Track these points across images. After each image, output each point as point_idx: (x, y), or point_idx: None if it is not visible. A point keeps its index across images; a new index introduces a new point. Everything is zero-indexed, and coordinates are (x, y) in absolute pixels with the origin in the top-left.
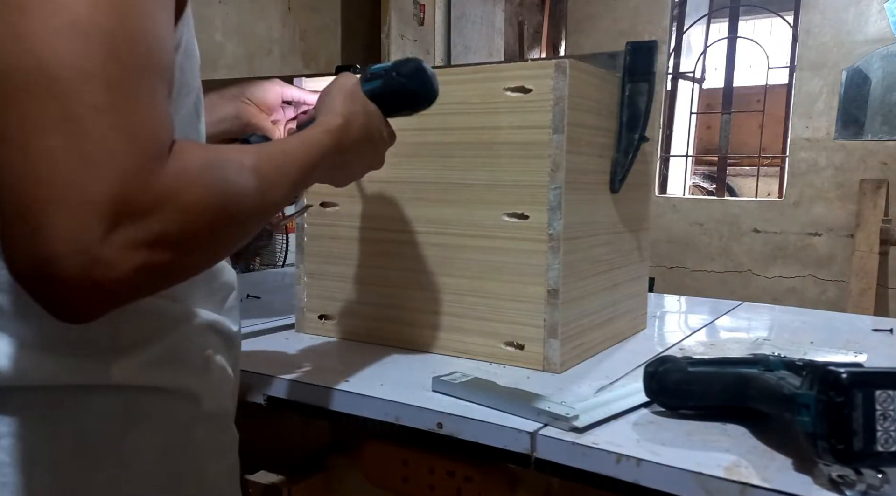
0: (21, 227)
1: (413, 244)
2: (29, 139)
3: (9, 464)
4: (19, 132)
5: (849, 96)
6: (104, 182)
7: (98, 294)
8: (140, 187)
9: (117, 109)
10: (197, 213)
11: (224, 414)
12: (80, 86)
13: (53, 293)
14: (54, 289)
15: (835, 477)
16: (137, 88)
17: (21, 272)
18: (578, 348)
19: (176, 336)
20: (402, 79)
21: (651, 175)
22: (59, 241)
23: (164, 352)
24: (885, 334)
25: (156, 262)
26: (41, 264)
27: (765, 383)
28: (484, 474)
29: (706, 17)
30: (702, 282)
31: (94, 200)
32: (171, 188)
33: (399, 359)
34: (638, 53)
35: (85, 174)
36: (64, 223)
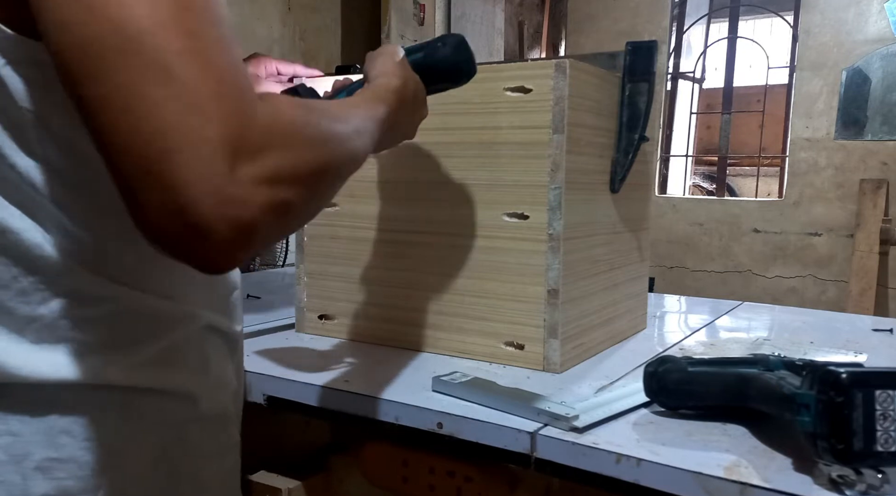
0: (149, 183)
1: (413, 244)
2: (130, 99)
3: (5, 463)
4: (118, 95)
5: (849, 96)
6: (214, 123)
7: (237, 233)
8: (246, 125)
9: (201, 53)
10: (302, 149)
11: (223, 415)
12: (159, 37)
13: (196, 240)
14: (196, 235)
15: (835, 477)
16: (212, 35)
17: (159, 228)
18: (578, 348)
19: (173, 337)
20: (447, 50)
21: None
22: (192, 186)
23: (160, 353)
24: (885, 334)
25: (279, 199)
26: (179, 212)
27: (765, 383)
28: (484, 474)
29: (706, 17)
30: (702, 282)
31: (212, 141)
32: (274, 126)
33: (399, 359)
34: (638, 53)
35: (195, 118)
36: (191, 167)
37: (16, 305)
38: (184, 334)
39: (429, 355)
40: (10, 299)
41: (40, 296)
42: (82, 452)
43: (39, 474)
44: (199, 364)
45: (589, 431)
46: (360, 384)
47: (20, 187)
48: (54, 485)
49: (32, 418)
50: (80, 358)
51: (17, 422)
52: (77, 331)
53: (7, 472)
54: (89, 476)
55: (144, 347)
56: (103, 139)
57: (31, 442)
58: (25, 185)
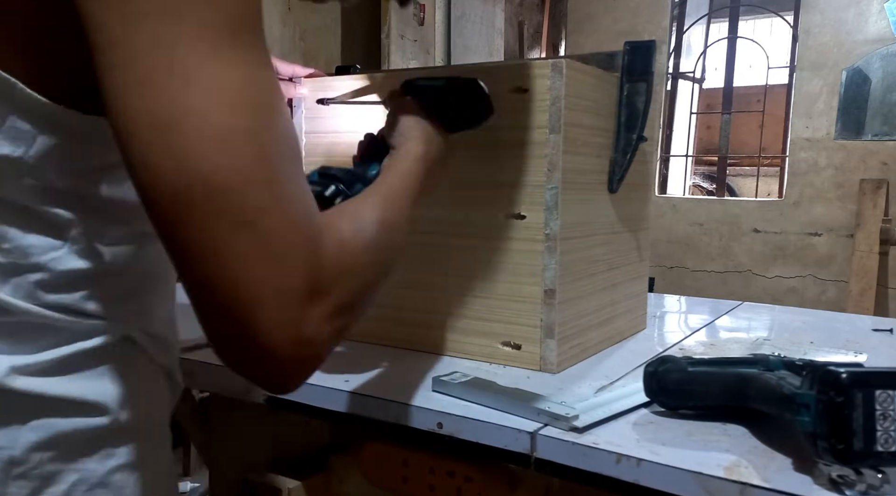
0: (230, 327)
1: (411, 244)
2: (214, 249)
3: None
4: (203, 245)
5: (849, 96)
6: (292, 273)
7: (307, 366)
8: (319, 268)
9: (279, 203)
10: (365, 278)
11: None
12: (242, 191)
13: (271, 375)
14: (272, 371)
15: (835, 477)
16: (288, 179)
17: (238, 363)
18: (576, 348)
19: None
20: (462, 100)
21: (650, 175)
22: (271, 333)
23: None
24: (885, 334)
25: (344, 326)
26: (258, 355)
27: (765, 383)
28: (484, 474)
29: (706, 17)
30: (702, 282)
31: (291, 290)
32: (340, 261)
33: (399, 359)
34: (636, 53)
35: (275, 269)
36: (271, 317)
37: None
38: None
39: (428, 355)
40: None
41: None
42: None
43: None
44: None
45: (589, 431)
46: (360, 384)
47: None
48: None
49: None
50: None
51: None
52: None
53: None
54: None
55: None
56: (187, 280)
57: None
58: None
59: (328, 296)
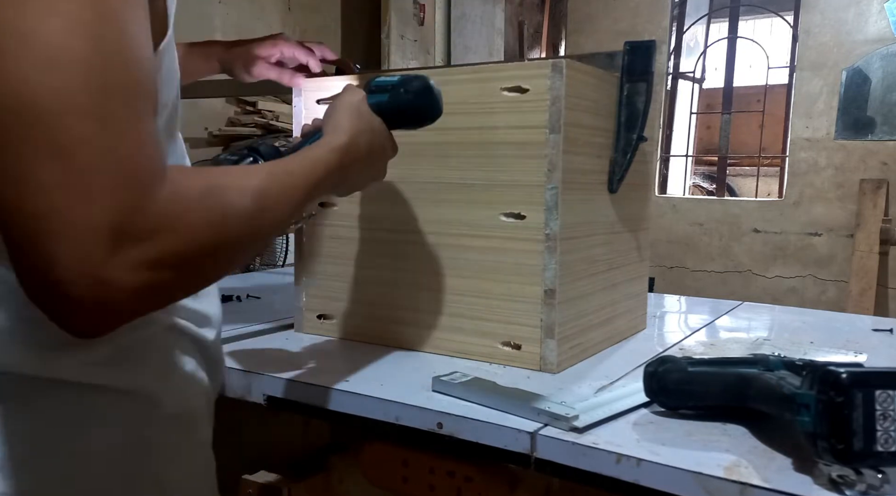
0: (27, 256)
1: (411, 244)
2: (23, 175)
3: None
4: (13, 169)
5: (849, 96)
6: (101, 211)
7: (104, 312)
8: (137, 213)
9: (104, 138)
10: (196, 236)
11: (190, 416)
12: (63, 119)
13: (64, 313)
14: (64, 309)
15: (835, 477)
16: (122, 115)
17: (33, 294)
18: (576, 348)
19: (130, 337)
20: (409, 96)
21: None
22: (65, 269)
23: (116, 353)
24: (885, 334)
25: (157, 281)
26: (50, 288)
27: (765, 383)
28: (484, 474)
29: (706, 17)
30: (702, 282)
31: (94, 228)
32: (168, 213)
33: (399, 359)
34: (636, 53)
35: (81, 205)
36: (67, 252)
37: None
38: (143, 335)
39: (429, 355)
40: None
41: None
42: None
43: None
44: (161, 364)
45: (589, 431)
46: (360, 384)
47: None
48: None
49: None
50: (35, 353)
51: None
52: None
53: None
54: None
55: (98, 346)
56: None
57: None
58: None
59: (142, 243)
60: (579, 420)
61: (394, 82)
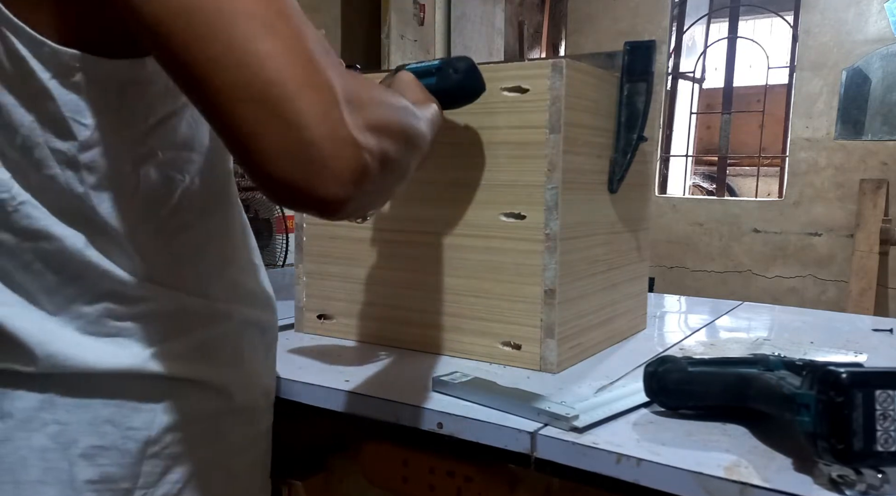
0: (273, 126)
1: (411, 244)
2: (243, 54)
3: (54, 450)
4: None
5: (849, 96)
6: (324, 73)
7: (351, 173)
8: (348, 80)
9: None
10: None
11: (254, 408)
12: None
13: (316, 177)
14: (316, 172)
15: (835, 477)
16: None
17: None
18: (576, 348)
19: (209, 332)
20: (459, 75)
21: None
22: (313, 127)
23: (197, 347)
24: (885, 334)
25: (383, 147)
26: (303, 151)
27: (765, 383)
28: (484, 474)
29: (706, 17)
30: (702, 282)
31: (325, 88)
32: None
33: (399, 359)
34: (636, 53)
35: (307, 68)
36: (312, 110)
37: (61, 307)
38: (220, 330)
39: (429, 355)
40: (57, 303)
41: (84, 300)
42: (123, 440)
43: (85, 461)
44: (233, 359)
45: (589, 431)
46: (360, 384)
47: (61, 196)
48: (98, 472)
49: (78, 407)
50: (124, 349)
51: (65, 411)
52: (119, 326)
53: (55, 459)
54: (130, 464)
55: (182, 341)
56: (218, 101)
57: (77, 430)
58: (66, 193)
59: (363, 107)
60: (579, 420)
61: (437, 65)
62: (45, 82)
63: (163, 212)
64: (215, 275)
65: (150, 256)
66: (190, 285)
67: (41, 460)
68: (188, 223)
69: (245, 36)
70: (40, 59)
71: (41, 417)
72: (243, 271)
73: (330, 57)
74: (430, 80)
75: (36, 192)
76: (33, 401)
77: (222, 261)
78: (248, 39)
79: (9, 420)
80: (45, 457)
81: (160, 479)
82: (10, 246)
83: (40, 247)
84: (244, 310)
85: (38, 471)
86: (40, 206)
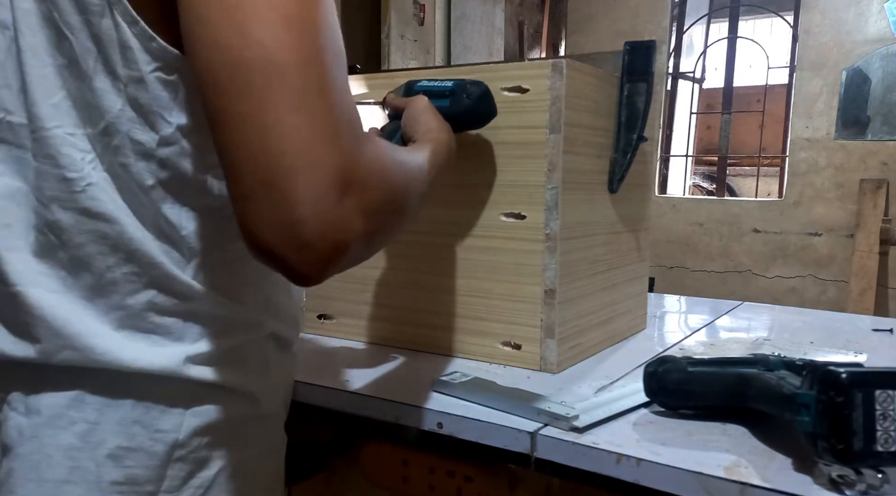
0: (266, 196)
1: (411, 244)
2: (269, 118)
3: (81, 449)
4: (259, 114)
5: (849, 96)
6: (335, 155)
7: (332, 253)
8: (357, 161)
9: (333, 92)
10: (393, 189)
11: (276, 416)
12: (303, 72)
13: (297, 253)
14: (299, 248)
15: (835, 477)
16: (342, 76)
17: (267, 238)
18: (576, 348)
19: (241, 339)
20: (471, 101)
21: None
22: (306, 205)
23: (228, 352)
24: (885, 334)
25: (370, 229)
26: (289, 226)
27: (765, 383)
28: (484, 474)
29: (706, 17)
30: (702, 282)
31: (330, 170)
32: (375, 165)
33: (399, 358)
34: (636, 53)
35: (321, 147)
36: (309, 189)
37: (107, 292)
38: (251, 338)
39: (428, 355)
40: (104, 286)
41: (130, 287)
42: (151, 443)
43: (111, 462)
44: (260, 367)
45: (589, 431)
46: (360, 384)
47: (130, 185)
48: (124, 474)
49: (108, 406)
50: (159, 349)
51: (94, 410)
52: (158, 323)
53: (82, 459)
54: (157, 466)
55: (217, 345)
56: (234, 151)
57: (105, 430)
58: (136, 184)
59: (362, 190)
60: (579, 420)
61: (451, 88)
62: (146, 75)
63: (220, 218)
64: (254, 285)
65: (202, 257)
66: (232, 291)
67: (68, 459)
68: None
69: (276, 103)
70: (148, 52)
71: (69, 415)
72: (276, 285)
73: (351, 136)
74: (442, 102)
75: (108, 177)
76: (63, 398)
77: (261, 274)
78: (279, 108)
79: (36, 417)
80: (71, 456)
81: (185, 483)
82: (66, 225)
83: (100, 228)
84: (273, 323)
85: (63, 469)
86: (108, 190)
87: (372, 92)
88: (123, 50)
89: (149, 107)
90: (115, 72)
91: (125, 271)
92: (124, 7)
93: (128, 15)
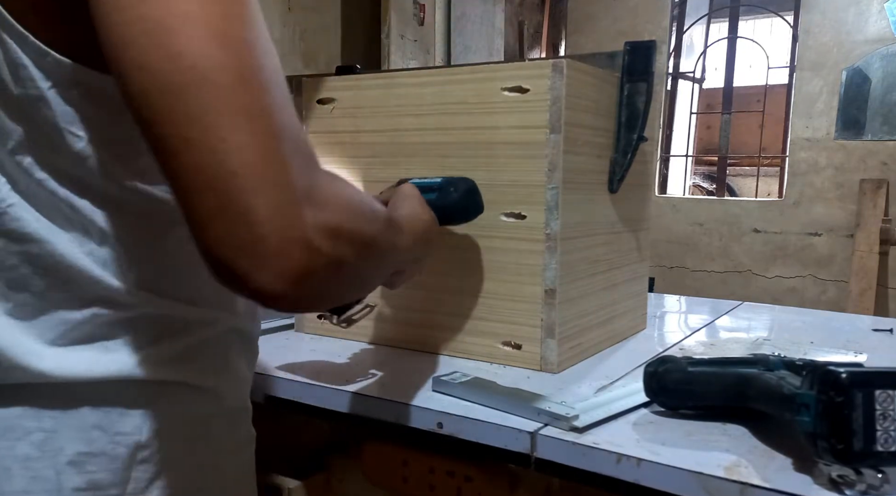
0: (223, 218)
1: None
2: (217, 141)
3: (39, 459)
4: (205, 137)
5: (849, 96)
6: (288, 172)
7: (296, 274)
8: (313, 180)
9: (277, 112)
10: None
11: (243, 410)
12: (240, 91)
13: (259, 274)
14: (260, 267)
15: (835, 477)
16: (283, 95)
17: (227, 260)
18: (576, 348)
19: (197, 336)
20: (458, 195)
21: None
22: (265, 223)
23: (185, 350)
24: (885, 334)
25: (338, 253)
26: (249, 246)
27: (765, 383)
28: (484, 474)
29: (706, 17)
30: (702, 282)
31: (284, 187)
32: (336, 186)
33: (399, 358)
34: (636, 53)
35: (274, 165)
36: (267, 206)
37: (49, 310)
38: (206, 335)
39: (428, 355)
40: (44, 307)
41: (72, 304)
42: (112, 446)
43: (72, 468)
44: (221, 362)
45: (589, 431)
46: (360, 384)
47: (52, 202)
48: (86, 479)
49: (65, 414)
50: (110, 355)
51: (50, 418)
52: (106, 332)
53: (41, 468)
54: (119, 469)
55: (170, 345)
56: (183, 177)
57: (63, 437)
58: (57, 201)
59: (325, 209)
60: (579, 420)
61: (439, 183)
62: (44, 91)
63: (154, 224)
64: (204, 284)
65: (142, 265)
66: (179, 293)
67: (25, 469)
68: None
69: (223, 125)
70: (42, 68)
71: (24, 425)
72: None
73: (303, 156)
74: (430, 195)
75: (26, 196)
76: (15, 410)
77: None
78: (226, 129)
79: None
80: (29, 466)
81: (150, 485)
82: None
83: (29, 250)
84: (229, 319)
85: (23, 481)
86: (31, 210)
87: (372, 92)
88: (15, 69)
89: (54, 124)
90: (9, 92)
91: (63, 289)
92: (9, 24)
93: (14, 32)
